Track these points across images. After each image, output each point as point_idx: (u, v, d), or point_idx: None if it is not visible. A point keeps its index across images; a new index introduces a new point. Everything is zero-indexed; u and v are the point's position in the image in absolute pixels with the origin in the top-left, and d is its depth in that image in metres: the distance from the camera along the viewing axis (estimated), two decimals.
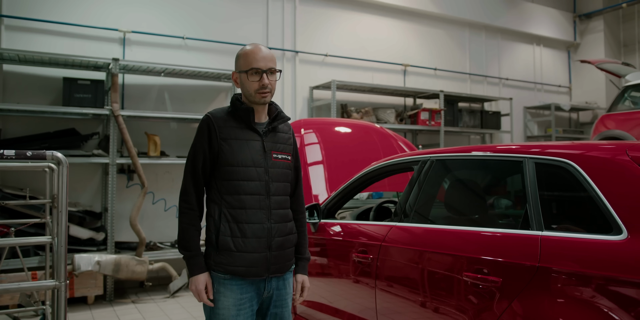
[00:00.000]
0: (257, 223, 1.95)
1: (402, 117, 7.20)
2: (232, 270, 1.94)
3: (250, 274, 1.95)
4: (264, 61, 1.98)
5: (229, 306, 1.95)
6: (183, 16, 5.99)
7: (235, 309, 1.94)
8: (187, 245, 1.97)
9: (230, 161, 1.96)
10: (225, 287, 1.96)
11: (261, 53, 1.99)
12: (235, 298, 1.95)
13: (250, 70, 1.98)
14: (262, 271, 1.96)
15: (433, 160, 2.53)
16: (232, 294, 1.95)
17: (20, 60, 4.92)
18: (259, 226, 1.95)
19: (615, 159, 1.82)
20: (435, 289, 2.15)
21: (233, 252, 1.93)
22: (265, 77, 1.98)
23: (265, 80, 1.97)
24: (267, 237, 1.97)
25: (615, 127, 6.01)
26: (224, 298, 1.95)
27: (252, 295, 1.99)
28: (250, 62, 1.98)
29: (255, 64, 1.97)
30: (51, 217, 3.38)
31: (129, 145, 4.96)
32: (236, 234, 1.93)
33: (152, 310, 4.61)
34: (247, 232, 1.93)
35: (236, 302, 1.95)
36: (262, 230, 1.96)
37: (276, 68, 2.02)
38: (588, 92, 9.75)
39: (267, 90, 1.99)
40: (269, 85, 1.99)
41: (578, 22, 9.99)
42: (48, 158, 1.91)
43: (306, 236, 2.23)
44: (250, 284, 1.97)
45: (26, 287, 1.83)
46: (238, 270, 1.94)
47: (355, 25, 7.36)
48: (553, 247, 1.78)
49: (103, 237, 4.99)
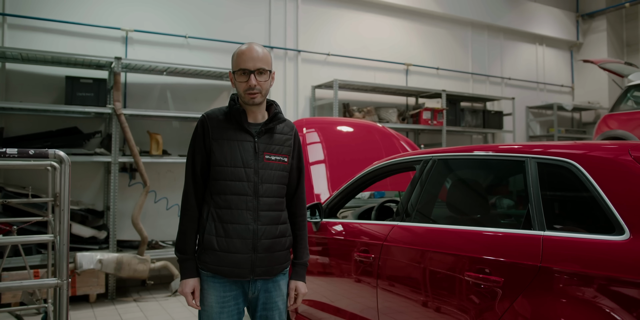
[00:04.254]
0: (241, 224, 1.94)
1: (404, 117, 7.20)
2: (215, 270, 1.95)
3: (234, 275, 1.95)
4: (252, 61, 1.94)
5: (212, 303, 1.97)
6: (185, 15, 6.00)
7: (218, 307, 1.96)
8: (183, 248, 2.01)
9: (220, 161, 1.96)
10: (208, 284, 1.98)
11: (251, 53, 1.95)
12: (218, 296, 1.96)
13: (239, 70, 1.96)
14: (245, 273, 1.95)
15: (435, 159, 2.53)
16: (215, 292, 1.96)
17: (23, 59, 4.93)
18: (243, 227, 1.94)
19: (618, 159, 1.82)
20: (437, 288, 2.15)
21: (217, 252, 1.93)
22: (252, 78, 1.94)
23: (252, 81, 1.94)
24: (253, 239, 1.95)
25: (617, 127, 6.00)
26: (208, 295, 1.98)
27: (237, 294, 1.99)
28: (239, 63, 1.96)
29: (243, 65, 1.95)
30: (53, 215, 3.39)
31: (131, 144, 4.97)
32: (220, 233, 1.93)
33: (154, 309, 4.62)
34: (230, 232, 1.93)
35: (219, 299, 1.96)
36: (246, 231, 1.94)
37: (266, 68, 1.97)
38: (591, 92, 9.73)
39: (256, 91, 1.96)
40: (257, 86, 1.95)
41: (581, 22, 9.97)
42: (50, 156, 1.91)
43: (305, 240, 2.18)
44: (233, 283, 1.98)
45: (28, 285, 1.84)
46: (221, 270, 1.94)
47: (358, 25, 7.35)
48: (555, 247, 1.78)
49: (105, 236, 5.00)
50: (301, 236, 2.17)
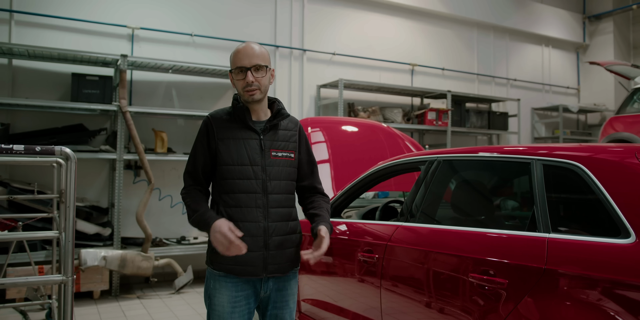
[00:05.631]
0: (252, 221, 1.94)
1: (409, 117, 7.19)
2: (227, 269, 1.95)
3: (246, 273, 1.94)
4: (248, 59, 1.95)
5: (223, 303, 1.95)
6: (191, 13, 6.01)
7: (230, 306, 1.95)
8: (196, 207, 1.95)
9: (227, 160, 1.96)
10: (220, 284, 1.97)
11: (246, 51, 1.96)
12: (230, 295, 1.95)
13: (236, 68, 1.97)
14: (258, 270, 1.95)
15: (440, 160, 2.53)
16: (226, 291, 1.96)
17: (29, 56, 4.95)
18: (253, 224, 1.94)
19: (624, 162, 1.81)
20: (441, 289, 2.15)
21: None
22: (249, 75, 1.94)
23: (249, 78, 1.94)
24: (264, 236, 1.95)
25: (623, 130, 5.97)
26: (219, 295, 1.96)
27: (249, 293, 1.99)
28: (235, 61, 1.97)
29: (239, 63, 1.96)
30: (59, 211, 3.41)
31: (136, 141, 4.98)
32: None
33: (157, 306, 4.63)
34: (241, 230, 1.91)
35: (231, 299, 1.95)
36: (257, 229, 1.94)
37: (263, 64, 1.96)
38: (596, 94, 9.69)
39: (254, 88, 1.96)
40: (255, 82, 1.95)
41: (587, 24, 9.93)
42: (57, 153, 1.91)
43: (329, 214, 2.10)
44: (246, 282, 1.97)
45: (34, 281, 1.84)
46: (234, 269, 1.94)
47: (363, 25, 7.35)
48: (560, 250, 1.77)
49: (109, 233, 5.01)
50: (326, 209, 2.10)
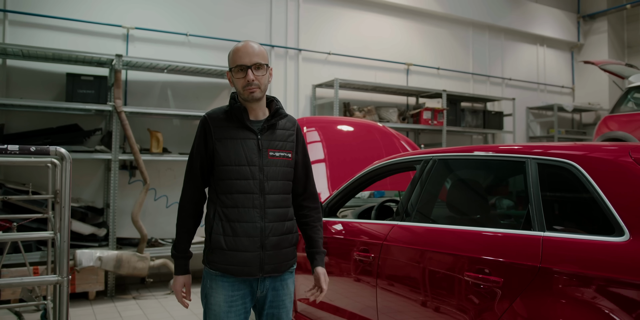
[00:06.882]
0: (249, 222, 1.94)
1: (404, 116, 7.20)
2: (224, 269, 1.95)
3: (243, 273, 1.94)
4: (248, 57, 1.94)
5: (220, 302, 1.96)
6: (187, 13, 5.99)
7: (226, 306, 1.95)
8: (177, 246, 2.05)
9: (224, 160, 1.96)
10: (216, 283, 1.97)
11: (246, 49, 1.96)
12: (226, 295, 1.96)
13: (236, 67, 1.96)
14: (255, 271, 1.95)
15: (435, 159, 2.53)
16: (223, 291, 1.96)
17: (23, 56, 4.93)
18: (251, 225, 1.94)
19: (618, 161, 1.82)
20: (437, 288, 2.16)
21: (225, 251, 1.93)
22: (250, 73, 1.94)
23: (250, 76, 1.94)
24: (260, 236, 1.94)
25: (618, 129, 6.00)
26: (216, 294, 1.97)
27: (245, 293, 1.99)
28: (235, 60, 1.97)
29: (239, 61, 1.95)
30: (53, 212, 3.39)
31: (131, 141, 4.97)
32: (228, 232, 1.93)
33: (153, 307, 4.62)
34: (238, 231, 1.92)
35: (227, 298, 1.96)
36: (254, 229, 1.94)
37: (263, 62, 1.97)
38: (591, 93, 9.74)
39: (254, 86, 1.95)
40: (255, 81, 1.95)
41: (582, 23, 9.97)
42: (52, 153, 1.91)
43: (321, 231, 2.18)
44: (242, 281, 1.97)
45: (29, 282, 1.84)
46: (230, 269, 1.94)
47: (359, 24, 7.35)
48: (555, 248, 1.78)
49: (105, 233, 5.00)
50: (317, 227, 2.17)
